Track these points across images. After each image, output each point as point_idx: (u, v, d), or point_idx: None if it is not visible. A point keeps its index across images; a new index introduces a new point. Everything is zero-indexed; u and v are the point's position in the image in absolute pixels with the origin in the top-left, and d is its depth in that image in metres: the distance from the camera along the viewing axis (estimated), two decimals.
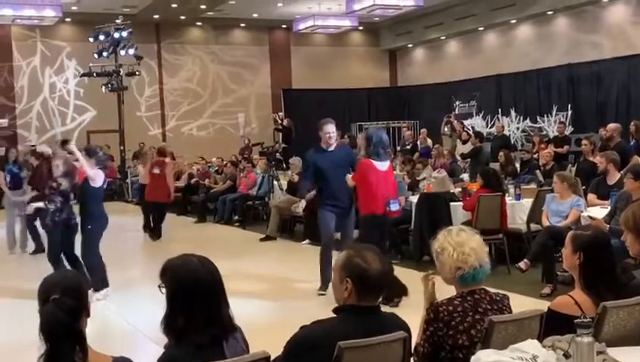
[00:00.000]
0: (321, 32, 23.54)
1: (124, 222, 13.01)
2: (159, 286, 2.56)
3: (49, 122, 21.99)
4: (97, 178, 7.36)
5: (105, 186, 7.77)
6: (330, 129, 7.40)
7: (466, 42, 22.97)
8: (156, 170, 11.93)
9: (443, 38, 23.39)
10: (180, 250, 9.49)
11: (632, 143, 11.28)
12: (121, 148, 19.80)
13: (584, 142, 10.74)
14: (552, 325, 3.04)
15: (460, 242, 2.99)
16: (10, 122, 21.44)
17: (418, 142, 17.46)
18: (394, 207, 6.91)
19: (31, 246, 10.49)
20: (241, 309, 2.58)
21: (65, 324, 2.26)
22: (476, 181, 8.84)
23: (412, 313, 3.24)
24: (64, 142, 9.03)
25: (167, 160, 12.50)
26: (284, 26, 23.90)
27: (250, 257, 10.13)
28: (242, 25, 23.85)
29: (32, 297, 2.50)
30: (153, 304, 2.69)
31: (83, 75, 20.11)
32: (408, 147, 16.86)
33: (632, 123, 11.77)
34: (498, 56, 21.65)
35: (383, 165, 6.89)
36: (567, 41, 19.37)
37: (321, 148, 7.48)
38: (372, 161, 6.81)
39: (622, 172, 7.63)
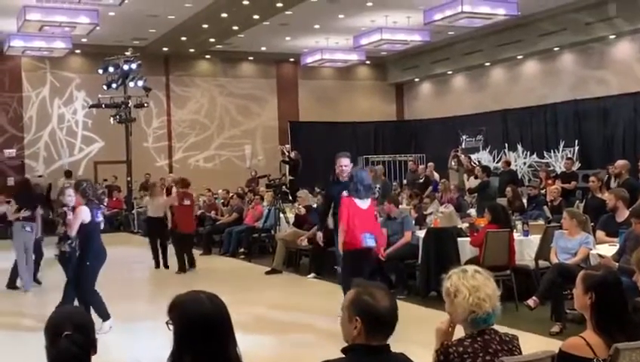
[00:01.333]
0: (329, 65, 23.73)
1: (129, 253, 12.97)
2: (167, 323, 2.53)
3: (57, 153, 22.09)
4: (74, 223, 7.14)
5: (100, 219, 7.52)
6: (343, 162, 7.77)
7: (473, 77, 23.09)
8: (187, 202, 11.97)
9: (449, 72, 23.53)
10: (185, 281, 9.46)
11: None
12: (128, 179, 19.85)
13: (592, 178, 10.70)
14: None
15: (476, 286, 2.95)
16: (18, 152, 21.55)
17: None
18: (369, 241, 7.08)
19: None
20: (246, 345, 2.55)
21: (79, 360, 2.29)
22: (484, 216, 8.79)
23: (421, 352, 3.20)
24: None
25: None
26: (291, 60, 24.09)
27: (255, 290, 10.06)
28: (250, 58, 24.06)
29: (33, 330, 2.49)
30: (160, 338, 2.66)
31: (92, 106, 20.26)
32: (421, 180, 16.80)
33: None
34: (504, 92, 21.74)
35: (363, 203, 7.08)
36: (574, 77, 19.45)
37: (337, 179, 7.86)
38: (353, 198, 7.06)
39: (630, 209, 7.59)
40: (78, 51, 21.29)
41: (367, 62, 23.93)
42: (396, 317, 2.70)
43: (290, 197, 15.16)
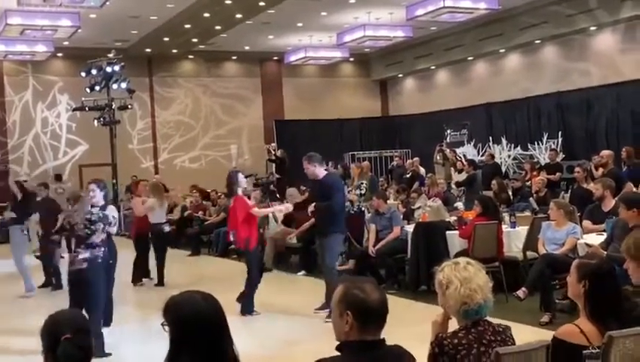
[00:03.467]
0: (313, 63, 23.71)
1: (121, 256, 12.83)
2: (162, 325, 2.52)
3: (41, 157, 21.94)
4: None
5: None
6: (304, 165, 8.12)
7: (456, 72, 23.16)
8: None
9: (433, 67, 23.59)
10: (176, 283, 9.37)
11: (624, 170, 11.34)
12: (114, 181, 19.73)
13: (577, 169, 10.80)
14: (557, 354, 3.03)
15: (468, 278, 2.98)
16: (2, 157, 21.37)
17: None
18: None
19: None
20: (239, 343, 2.54)
21: None
22: (473, 208, 8.84)
23: (416, 345, 3.20)
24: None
25: None
26: (275, 58, 24.06)
27: None
28: (234, 57, 24.00)
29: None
30: (154, 339, 2.66)
31: (75, 109, 20.12)
32: (408, 175, 16.82)
33: (624, 149, 11.84)
34: (488, 85, 21.83)
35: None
36: (556, 69, 19.56)
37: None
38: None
39: (616, 199, 7.66)
40: (60, 54, 21.15)
41: (351, 59, 23.93)
42: (387, 308, 2.69)
43: (278, 196, 15.15)
